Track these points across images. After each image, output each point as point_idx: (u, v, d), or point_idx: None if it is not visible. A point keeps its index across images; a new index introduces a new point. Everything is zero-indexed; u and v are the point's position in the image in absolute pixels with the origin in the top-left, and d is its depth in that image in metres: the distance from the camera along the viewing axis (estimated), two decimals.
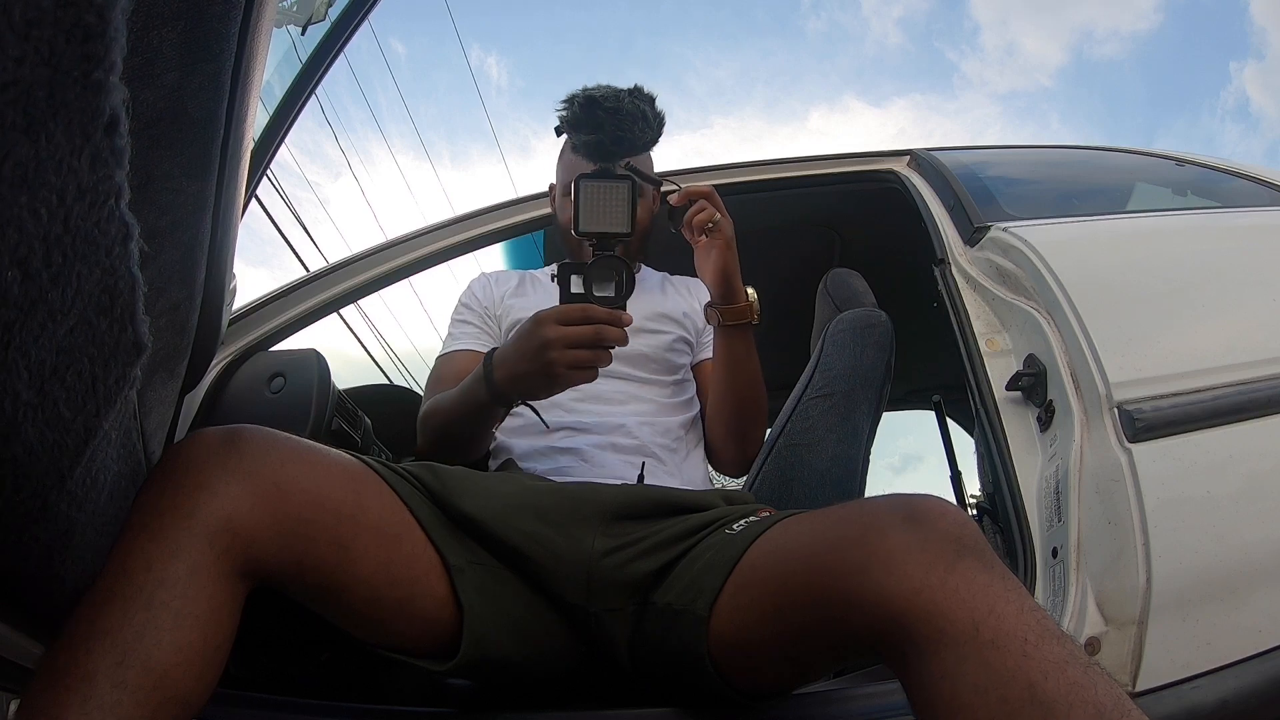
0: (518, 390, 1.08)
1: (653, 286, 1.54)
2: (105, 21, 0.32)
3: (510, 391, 1.09)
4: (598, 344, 0.99)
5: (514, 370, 1.06)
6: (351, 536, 0.81)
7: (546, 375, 1.01)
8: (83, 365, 0.46)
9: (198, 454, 0.75)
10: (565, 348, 0.98)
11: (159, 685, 0.64)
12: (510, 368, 1.07)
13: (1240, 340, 1.22)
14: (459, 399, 1.18)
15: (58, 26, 0.30)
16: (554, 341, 0.99)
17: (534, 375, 1.03)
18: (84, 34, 0.31)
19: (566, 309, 0.99)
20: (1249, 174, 1.78)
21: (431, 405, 1.27)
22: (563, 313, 0.99)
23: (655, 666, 0.92)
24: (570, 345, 0.98)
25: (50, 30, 0.30)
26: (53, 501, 0.55)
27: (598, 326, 0.98)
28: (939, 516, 0.72)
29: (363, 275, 1.70)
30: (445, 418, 1.23)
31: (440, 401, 1.25)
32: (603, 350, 0.99)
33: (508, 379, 1.07)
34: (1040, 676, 0.60)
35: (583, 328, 0.98)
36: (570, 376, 1.01)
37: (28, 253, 0.36)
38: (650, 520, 1.00)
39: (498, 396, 1.10)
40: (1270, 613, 1.04)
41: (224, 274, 0.84)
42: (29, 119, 0.31)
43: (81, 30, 0.31)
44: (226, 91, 0.56)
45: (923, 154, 1.84)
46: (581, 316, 0.98)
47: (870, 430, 1.38)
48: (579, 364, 0.99)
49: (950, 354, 1.39)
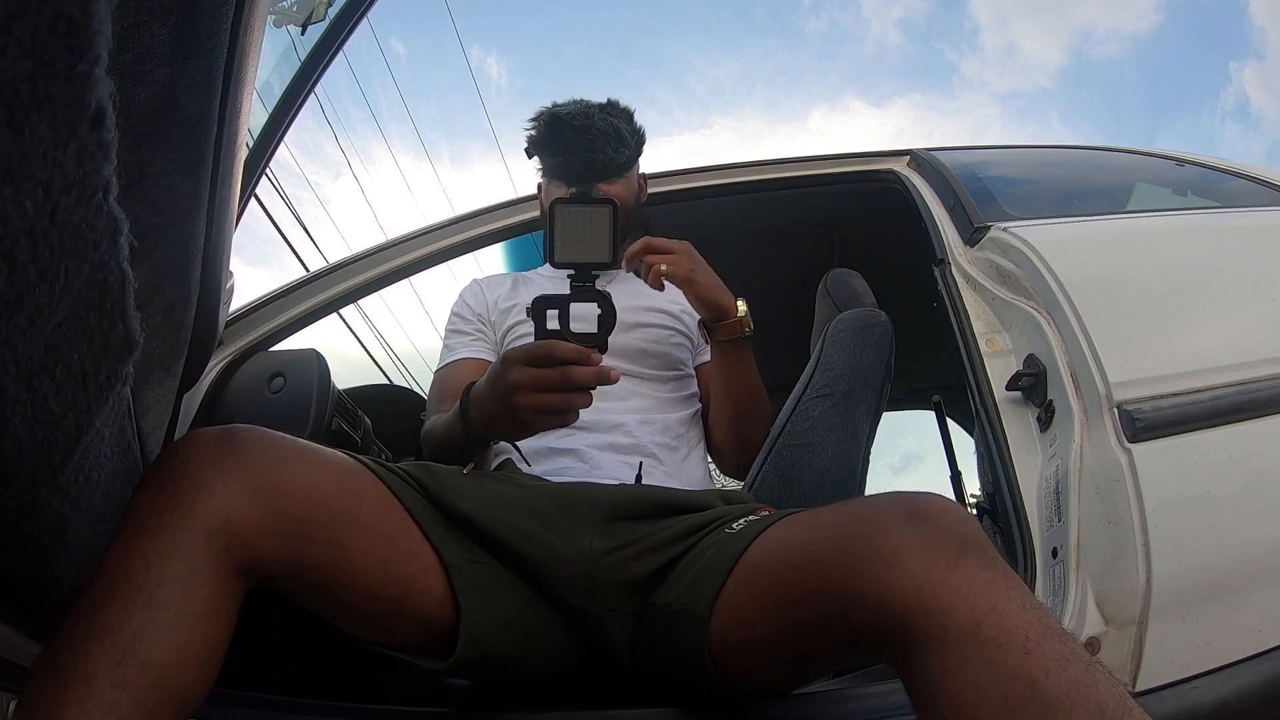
0: (492, 433, 1.05)
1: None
2: (89, 14, 0.31)
3: (485, 433, 1.05)
4: (567, 387, 0.92)
5: (487, 413, 1.02)
6: (348, 535, 0.81)
7: (514, 420, 0.95)
8: (72, 361, 0.46)
9: (194, 454, 0.75)
10: (532, 391, 0.92)
11: (158, 684, 0.65)
12: (484, 410, 1.02)
13: (1240, 340, 1.21)
14: (444, 432, 1.15)
15: (40, 18, 0.30)
16: (520, 385, 0.92)
17: (503, 420, 0.98)
18: (67, 26, 0.31)
19: (533, 349, 0.92)
20: (1249, 174, 1.77)
21: (428, 427, 1.25)
22: (529, 353, 0.92)
23: (655, 667, 0.92)
24: (537, 389, 0.92)
25: (32, 22, 0.30)
26: (44, 498, 0.55)
27: (565, 369, 0.91)
28: (941, 514, 0.72)
29: (363, 275, 1.70)
30: (437, 445, 1.19)
31: (432, 428, 1.23)
32: (576, 393, 0.92)
33: (481, 421, 1.04)
34: (1042, 674, 0.60)
35: (548, 371, 0.91)
36: (538, 422, 0.95)
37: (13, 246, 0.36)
38: (648, 520, 0.99)
39: (474, 436, 1.06)
40: (1270, 613, 1.04)
41: (220, 272, 0.84)
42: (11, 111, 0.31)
43: (65, 22, 0.31)
44: (219, 88, 0.56)
45: (922, 154, 1.84)
46: (547, 357, 0.91)
47: (870, 430, 1.37)
48: (547, 408, 0.93)
49: (950, 354, 1.39)
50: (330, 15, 1.21)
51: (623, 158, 0.96)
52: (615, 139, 0.98)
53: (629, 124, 0.99)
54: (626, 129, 1.00)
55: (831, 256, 2.29)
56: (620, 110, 1.06)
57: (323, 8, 1.22)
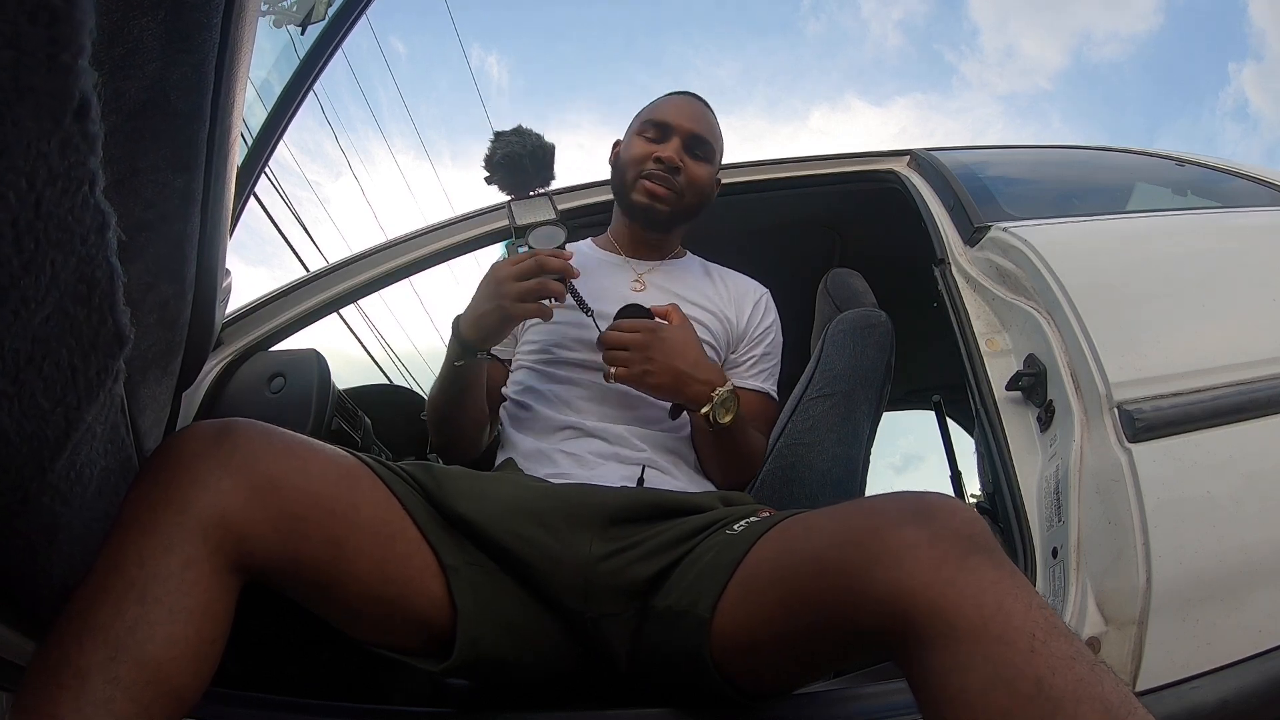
0: (479, 331, 1.20)
1: (693, 274, 1.49)
2: (71, 4, 0.31)
3: (472, 336, 1.21)
4: (540, 269, 1.16)
5: (474, 311, 1.21)
6: (345, 533, 0.80)
7: (499, 308, 1.17)
8: (61, 356, 0.45)
9: (191, 448, 0.75)
10: (514, 280, 1.16)
11: (153, 680, 0.64)
12: (471, 311, 1.22)
13: (1240, 340, 1.21)
14: (441, 370, 1.30)
15: (21, 8, 0.30)
16: (503, 278, 1.17)
17: (490, 312, 1.18)
18: (49, 16, 0.31)
19: (515, 257, 1.20)
20: (1249, 174, 1.77)
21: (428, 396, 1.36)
22: (511, 259, 1.20)
23: (656, 669, 0.91)
24: (518, 277, 1.16)
25: (13, 11, 0.30)
26: (34, 494, 0.55)
27: (540, 259, 1.16)
28: (948, 513, 0.72)
29: (363, 275, 1.70)
30: (434, 400, 1.34)
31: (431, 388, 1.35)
32: (550, 280, 1.16)
33: (470, 322, 1.21)
34: (1048, 672, 0.60)
35: (525, 259, 1.17)
36: (518, 308, 1.16)
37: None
38: (648, 523, 0.99)
39: (465, 345, 1.22)
40: (1270, 613, 1.03)
41: (216, 269, 0.84)
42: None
43: (47, 12, 0.31)
44: (211, 83, 0.56)
45: (923, 154, 1.83)
46: (527, 257, 1.18)
47: (870, 430, 1.37)
48: (525, 294, 1.15)
49: (950, 354, 1.39)
50: (329, 14, 1.21)
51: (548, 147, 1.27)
52: (537, 136, 1.26)
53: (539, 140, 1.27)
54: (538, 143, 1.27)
55: (831, 256, 2.29)
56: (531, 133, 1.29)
57: (322, 7, 1.22)
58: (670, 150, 1.38)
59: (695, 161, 1.41)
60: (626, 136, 1.48)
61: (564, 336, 1.31)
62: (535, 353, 1.34)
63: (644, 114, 1.46)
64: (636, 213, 1.42)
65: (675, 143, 1.39)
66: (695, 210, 1.45)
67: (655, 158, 1.38)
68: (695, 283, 1.45)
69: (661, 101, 1.47)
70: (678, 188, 1.39)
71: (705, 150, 1.42)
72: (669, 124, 1.41)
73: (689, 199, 1.41)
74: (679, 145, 1.39)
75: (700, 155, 1.41)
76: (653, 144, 1.40)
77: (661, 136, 1.41)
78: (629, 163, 1.42)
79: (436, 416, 1.34)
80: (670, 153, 1.38)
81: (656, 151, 1.38)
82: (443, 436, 1.35)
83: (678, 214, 1.41)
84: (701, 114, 1.45)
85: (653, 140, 1.41)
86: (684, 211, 1.42)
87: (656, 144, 1.40)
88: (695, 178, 1.40)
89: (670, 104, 1.45)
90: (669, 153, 1.38)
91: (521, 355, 1.38)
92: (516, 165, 1.23)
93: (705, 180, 1.43)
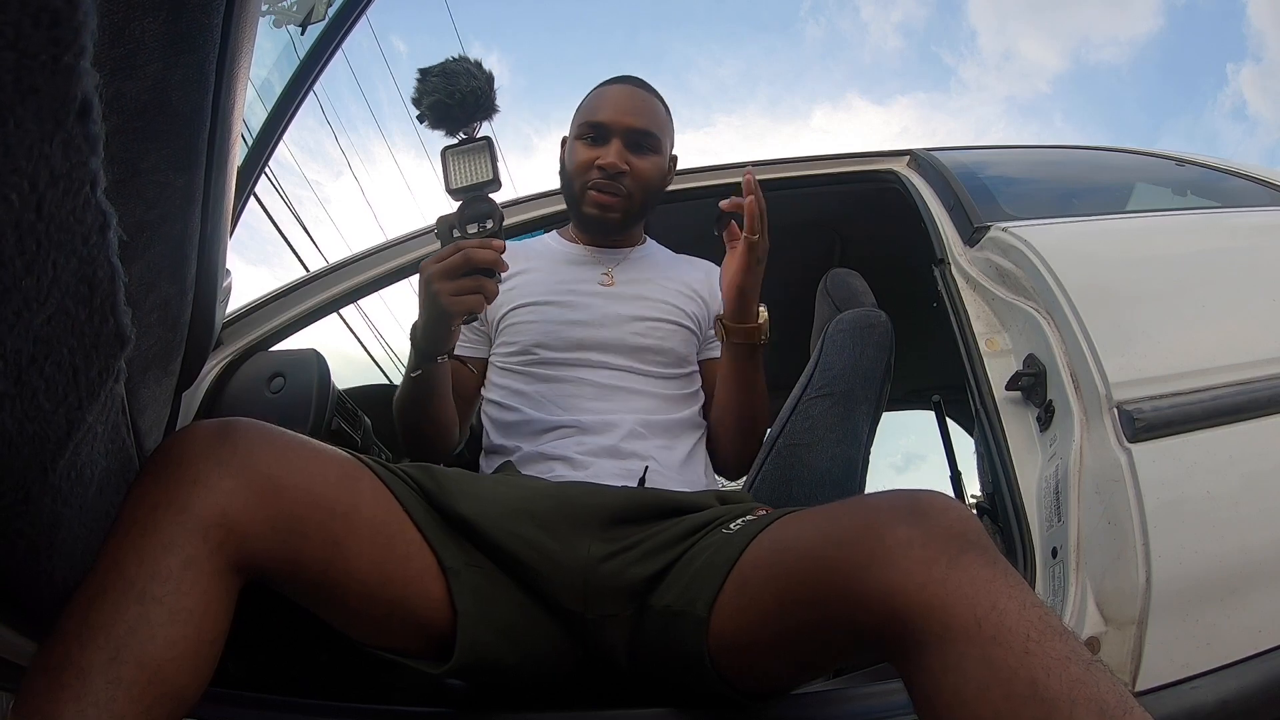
0: (428, 341, 1.14)
1: (658, 263, 1.48)
2: (73, 5, 0.31)
3: (424, 345, 1.15)
4: (469, 266, 1.05)
5: (420, 320, 1.13)
6: (345, 534, 0.80)
7: (436, 311, 1.08)
8: (62, 356, 0.45)
9: (191, 447, 0.75)
10: (444, 278, 1.06)
11: (153, 680, 0.64)
12: (418, 320, 1.14)
13: (1240, 340, 1.21)
14: (402, 380, 1.25)
15: (23, 10, 0.30)
16: (433, 276, 1.06)
17: (431, 318, 1.11)
18: (51, 18, 0.31)
19: (441, 251, 1.08)
20: (1249, 174, 1.77)
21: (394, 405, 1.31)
22: (438, 255, 1.08)
23: (655, 669, 0.91)
24: (446, 275, 1.06)
25: (15, 13, 0.30)
26: (35, 494, 0.55)
27: (466, 252, 1.05)
28: (942, 512, 0.72)
29: (363, 275, 1.70)
30: (399, 409, 1.28)
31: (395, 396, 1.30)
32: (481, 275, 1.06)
33: (418, 332, 1.15)
34: (1043, 673, 0.60)
35: (451, 255, 1.06)
36: (455, 303, 1.06)
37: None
38: (647, 523, 0.99)
39: (421, 353, 1.16)
40: (1270, 613, 1.03)
41: (216, 269, 0.84)
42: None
43: (49, 14, 0.31)
44: (211, 83, 0.56)
45: (923, 154, 1.84)
46: (452, 250, 1.06)
47: (870, 430, 1.37)
48: (460, 290, 1.06)
49: (950, 354, 1.39)
50: (329, 14, 1.21)
51: (477, 84, 1.09)
52: (465, 74, 1.10)
53: (479, 67, 1.11)
54: (474, 67, 1.12)
55: (831, 256, 2.30)
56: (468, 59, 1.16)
57: (322, 6, 1.22)
58: (612, 155, 1.33)
59: (640, 157, 1.36)
60: (569, 138, 1.42)
61: (546, 334, 1.30)
62: (516, 354, 1.32)
63: (582, 112, 1.41)
64: (590, 224, 1.39)
65: (615, 145, 1.34)
66: (650, 204, 1.42)
67: (598, 165, 1.34)
68: (665, 270, 1.44)
69: (596, 96, 1.41)
70: (625, 191, 1.35)
71: (650, 142, 1.37)
72: (605, 124, 1.35)
73: (639, 198, 1.37)
74: (619, 147, 1.34)
75: (646, 148, 1.36)
76: (594, 148, 1.35)
77: (600, 137, 1.36)
78: (573, 173, 1.38)
79: (404, 424, 1.29)
80: (612, 158, 1.33)
81: (598, 158, 1.34)
82: (412, 443, 1.31)
83: (631, 215, 1.38)
84: (640, 104, 1.38)
85: (593, 142, 1.36)
86: (637, 211, 1.39)
87: (597, 147, 1.35)
88: (642, 175, 1.36)
89: (605, 99, 1.39)
90: (610, 158, 1.33)
91: (500, 357, 1.36)
92: (446, 115, 1.11)
93: (654, 174, 1.38)
